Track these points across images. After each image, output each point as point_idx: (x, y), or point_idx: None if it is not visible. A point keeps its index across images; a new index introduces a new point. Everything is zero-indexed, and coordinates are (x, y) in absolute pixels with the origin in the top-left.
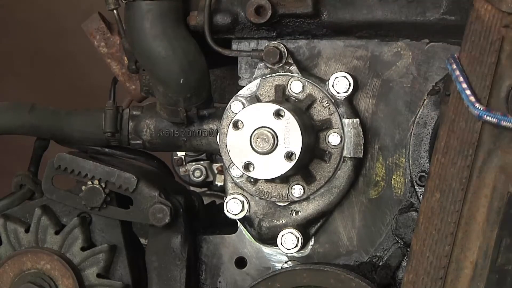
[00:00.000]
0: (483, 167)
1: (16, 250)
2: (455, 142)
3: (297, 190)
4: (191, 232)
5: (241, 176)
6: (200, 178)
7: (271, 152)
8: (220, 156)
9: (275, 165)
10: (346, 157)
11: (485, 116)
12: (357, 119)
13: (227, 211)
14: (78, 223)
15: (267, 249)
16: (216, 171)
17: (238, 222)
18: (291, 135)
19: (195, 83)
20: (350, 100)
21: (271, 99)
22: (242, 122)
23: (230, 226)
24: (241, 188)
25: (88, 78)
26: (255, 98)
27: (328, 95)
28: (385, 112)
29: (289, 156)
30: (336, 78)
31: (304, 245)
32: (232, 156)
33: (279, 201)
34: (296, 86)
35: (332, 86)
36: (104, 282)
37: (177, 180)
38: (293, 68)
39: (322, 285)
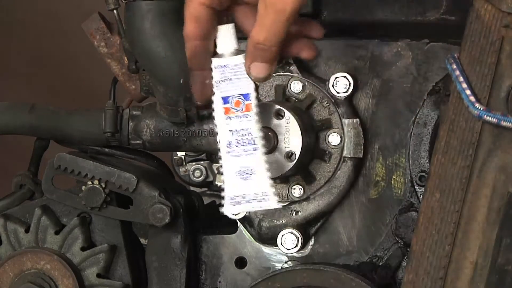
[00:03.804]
0: (483, 167)
1: (16, 250)
2: (455, 142)
3: (297, 190)
4: (191, 232)
5: None
6: (200, 178)
7: (271, 152)
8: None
9: (275, 165)
10: (346, 157)
11: (485, 116)
12: (357, 119)
13: None
14: (78, 223)
15: (267, 249)
16: (216, 171)
17: (238, 222)
18: (291, 135)
19: None
20: (350, 100)
21: (271, 99)
22: None
23: (230, 226)
24: None
25: (88, 78)
26: None
27: (328, 95)
28: (385, 112)
29: (289, 156)
30: (336, 78)
31: (304, 245)
32: None
33: (279, 201)
34: (296, 86)
35: (332, 86)
36: (104, 282)
37: (177, 180)
38: (293, 68)
39: (322, 285)
